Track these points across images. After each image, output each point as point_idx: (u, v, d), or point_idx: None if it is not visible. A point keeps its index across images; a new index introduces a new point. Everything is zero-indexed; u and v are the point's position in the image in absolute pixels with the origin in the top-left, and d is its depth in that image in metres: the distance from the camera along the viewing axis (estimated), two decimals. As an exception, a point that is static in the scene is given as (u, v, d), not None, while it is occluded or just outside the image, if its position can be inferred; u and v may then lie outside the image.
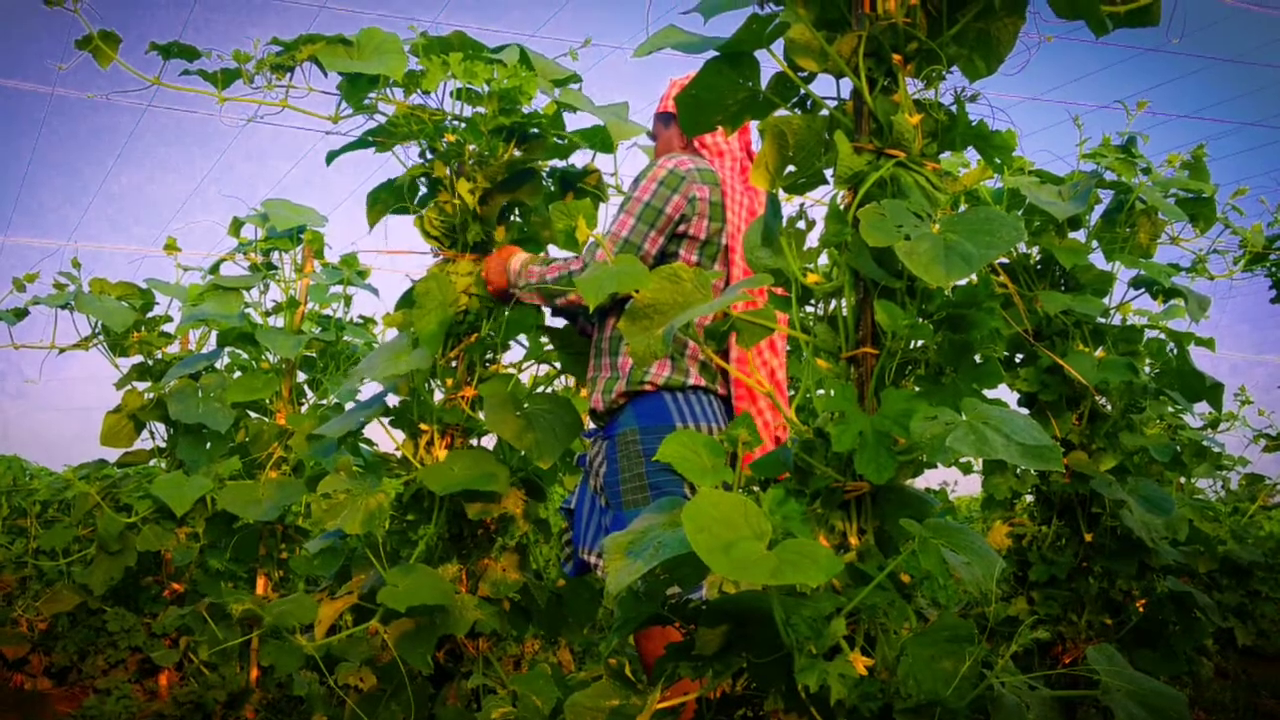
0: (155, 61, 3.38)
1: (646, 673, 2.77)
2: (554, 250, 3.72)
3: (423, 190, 3.68)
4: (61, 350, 5.53)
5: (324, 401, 5.09)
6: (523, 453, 3.40)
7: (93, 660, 5.46)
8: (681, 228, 3.15)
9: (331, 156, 3.66)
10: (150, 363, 5.52)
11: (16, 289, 5.65)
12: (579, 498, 3.36)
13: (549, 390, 3.75)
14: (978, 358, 1.96)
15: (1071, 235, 4.06)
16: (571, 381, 4.01)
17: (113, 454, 5.56)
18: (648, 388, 3.11)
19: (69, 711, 4.73)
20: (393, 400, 3.62)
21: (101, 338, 5.49)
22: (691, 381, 3.10)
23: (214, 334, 5.30)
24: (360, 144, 3.59)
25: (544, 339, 3.76)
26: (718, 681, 1.81)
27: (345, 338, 5.17)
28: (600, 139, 3.64)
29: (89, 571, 5.20)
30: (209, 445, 5.08)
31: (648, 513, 1.78)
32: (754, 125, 3.29)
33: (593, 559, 3.22)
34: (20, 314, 5.66)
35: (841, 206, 1.98)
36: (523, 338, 3.77)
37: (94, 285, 5.49)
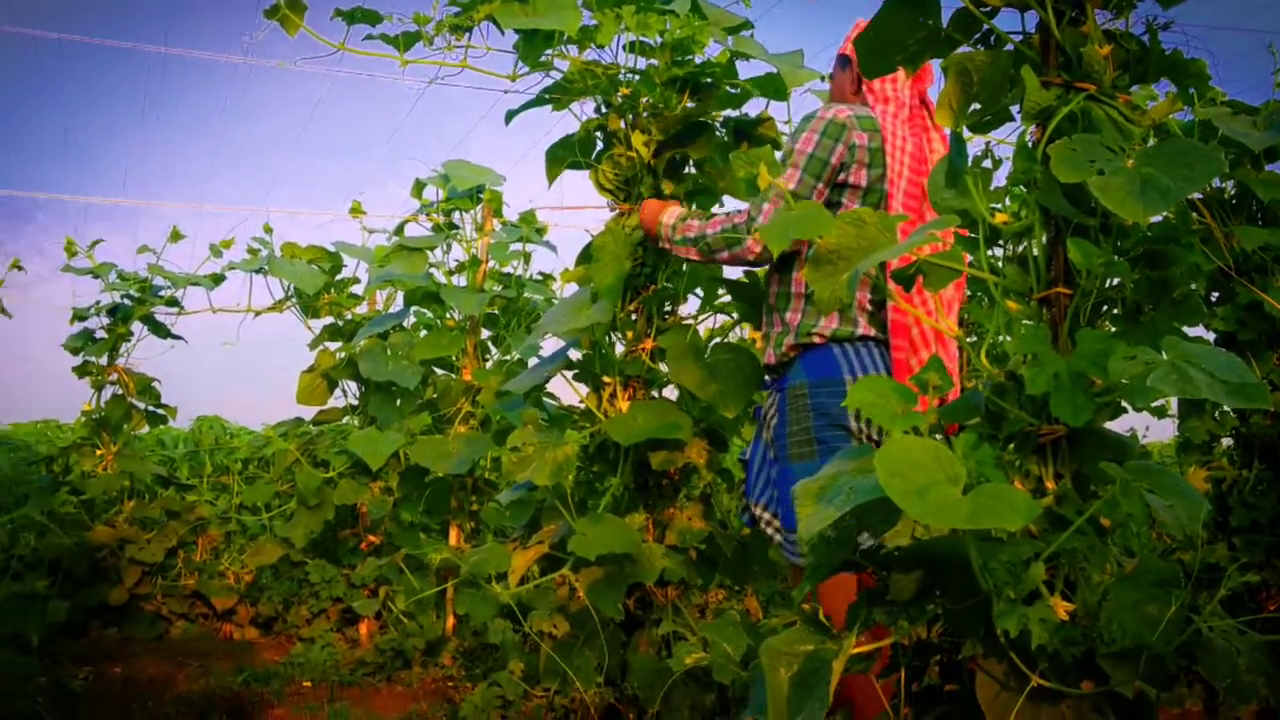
0: (339, 29, 3.48)
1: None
2: (730, 201, 3.72)
3: (599, 145, 3.71)
4: (257, 314, 5.78)
5: (507, 357, 5.20)
6: (705, 403, 3.42)
7: (296, 610, 5.72)
8: (842, 176, 3.07)
9: (511, 115, 3.72)
10: (340, 323, 5.72)
11: (214, 255, 5.92)
12: (753, 449, 3.35)
13: (728, 340, 3.75)
14: (1176, 295, 1.89)
15: (1269, 168, 3.87)
16: (748, 331, 4.00)
17: (305, 411, 5.81)
18: (816, 340, 3.06)
19: (277, 659, 4.95)
20: (575, 354, 3.67)
21: (294, 300, 5.71)
22: (860, 332, 3.03)
23: (400, 294, 5.46)
24: (538, 102, 3.64)
25: (721, 289, 3.77)
26: (913, 627, 1.80)
27: (525, 294, 5.26)
28: (774, 87, 3.59)
29: (290, 525, 5.44)
30: (399, 402, 5.25)
31: (838, 458, 1.78)
32: (932, 70, 3.23)
33: (758, 511, 3.18)
34: (218, 279, 5.93)
35: (1030, 143, 1.93)
36: (699, 289, 3.78)
37: (285, 250, 5.71)
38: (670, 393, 3.67)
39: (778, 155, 3.38)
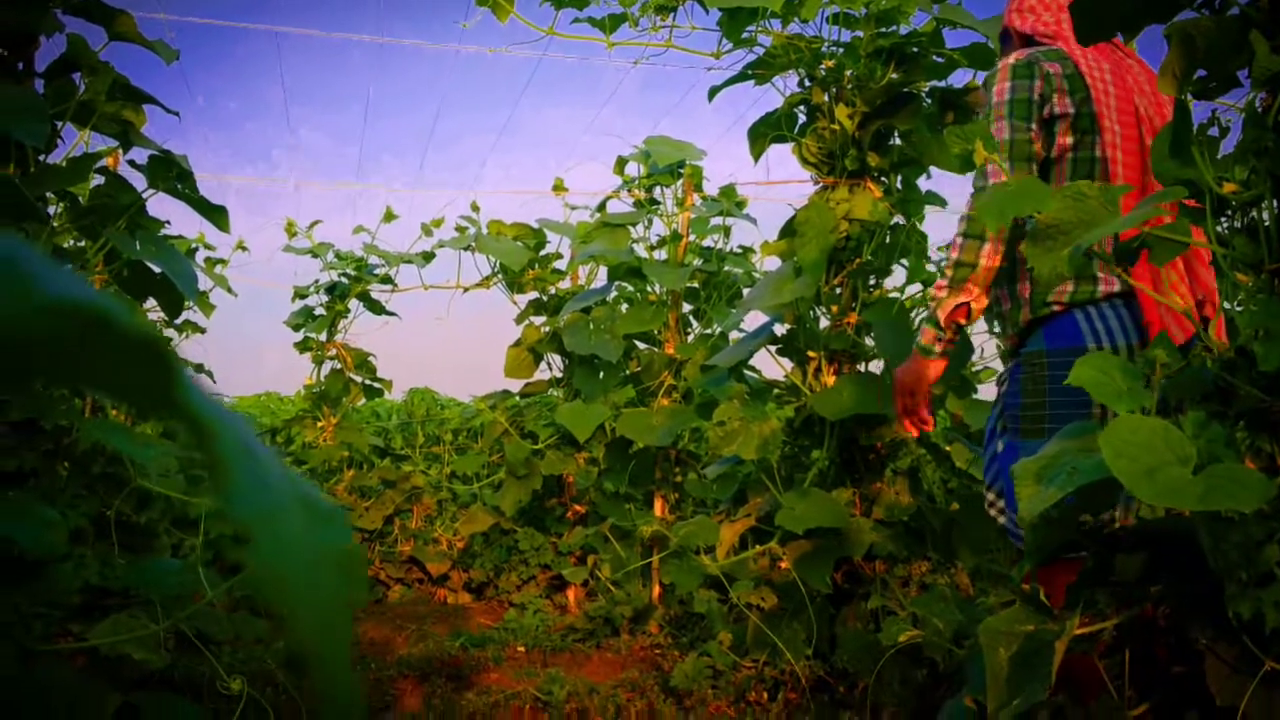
0: (546, 15, 3.57)
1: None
2: (936, 172, 3.67)
3: (801, 119, 3.71)
4: (466, 289, 5.96)
5: (708, 331, 5.24)
6: (912, 376, 3.39)
7: (506, 576, 5.89)
8: (1046, 110, 2.77)
9: (714, 92, 3.74)
10: (545, 298, 5.84)
11: (424, 234, 6.13)
12: (989, 423, 3.14)
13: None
14: None
15: None
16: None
17: (511, 384, 5.97)
18: (1056, 308, 2.73)
19: (490, 624, 5.11)
20: (779, 328, 3.69)
21: (500, 276, 5.86)
22: (1102, 289, 2.70)
23: (603, 269, 5.54)
24: (741, 77, 3.65)
25: (928, 263, 3.73)
26: (1137, 609, 1.77)
27: (726, 268, 5.29)
28: (982, 55, 3.51)
29: (499, 494, 5.61)
30: (601, 375, 5.35)
31: (1058, 438, 1.76)
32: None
33: (986, 492, 2.92)
34: (428, 257, 6.13)
35: (1260, 110, 1.86)
36: (904, 261, 3.75)
37: (491, 227, 5.86)
38: (876, 366, 3.65)
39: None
